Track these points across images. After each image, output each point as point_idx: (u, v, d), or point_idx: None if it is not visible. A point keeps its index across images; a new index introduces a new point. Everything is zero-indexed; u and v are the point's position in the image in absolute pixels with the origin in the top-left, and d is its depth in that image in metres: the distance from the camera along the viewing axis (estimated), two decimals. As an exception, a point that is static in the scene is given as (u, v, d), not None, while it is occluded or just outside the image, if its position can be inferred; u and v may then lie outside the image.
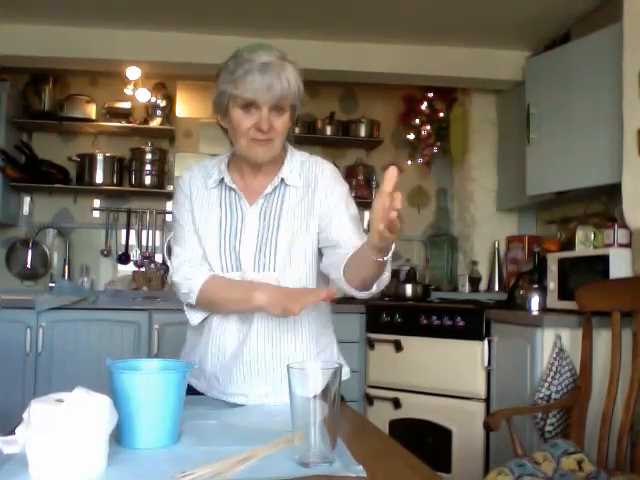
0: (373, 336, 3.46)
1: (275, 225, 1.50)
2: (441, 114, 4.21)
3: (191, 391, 1.48)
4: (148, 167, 4.01)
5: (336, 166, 1.66)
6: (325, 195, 1.53)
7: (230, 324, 1.51)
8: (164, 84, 4.14)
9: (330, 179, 1.55)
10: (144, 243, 4.15)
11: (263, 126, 1.41)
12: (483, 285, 3.98)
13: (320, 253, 1.54)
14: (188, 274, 1.52)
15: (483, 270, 4.00)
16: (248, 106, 1.42)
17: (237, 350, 1.51)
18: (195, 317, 1.56)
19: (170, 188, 4.12)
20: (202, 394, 1.56)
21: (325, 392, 0.98)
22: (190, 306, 1.55)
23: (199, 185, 1.56)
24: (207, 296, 1.50)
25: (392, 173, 1.07)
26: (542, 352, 2.56)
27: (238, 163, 1.55)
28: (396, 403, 3.31)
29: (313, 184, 1.53)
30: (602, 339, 2.44)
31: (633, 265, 2.62)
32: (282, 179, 1.53)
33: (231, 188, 1.53)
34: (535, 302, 2.98)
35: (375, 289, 1.39)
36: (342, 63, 3.68)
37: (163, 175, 4.08)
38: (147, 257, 4.11)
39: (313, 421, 0.97)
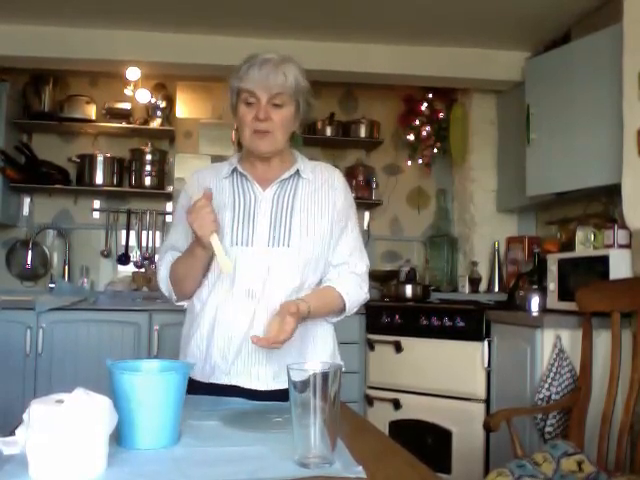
0: (373, 337, 3.46)
1: (289, 206, 1.59)
2: (441, 114, 4.21)
3: (191, 387, 1.48)
4: (148, 168, 4.00)
5: (336, 167, 1.76)
6: (341, 201, 1.65)
7: (238, 302, 1.54)
8: (164, 84, 4.14)
9: (344, 188, 1.68)
10: (144, 244, 4.14)
11: (260, 115, 1.53)
12: (483, 286, 3.98)
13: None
14: (161, 263, 1.68)
15: (483, 271, 4.00)
16: (250, 100, 1.54)
17: (248, 327, 1.54)
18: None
19: (170, 189, 4.13)
20: (201, 388, 1.55)
21: (325, 392, 0.98)
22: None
23: (209, 177, 1.67)
24: (173, 277, 1.64)
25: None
26: (542, 353, 2.56)
27: (249, 159, 1.66)
28: (396, 404, 3.31)
29: (327, 185, 1.65)
30: (602, 339, 2.44)
31: (633, 266, 2.62)
32: (297, 170, 1.63)
33: (243, 175, 1.63)
34: (535, 303, 2.98)
35: (332, 320, 1.66)
36: (342, 63, 3.68)
37: (163, 176, 4.08)
38: (147, 258, 4.11)
39: (313, 421, 0.97)
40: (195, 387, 1.49)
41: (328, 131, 4.19)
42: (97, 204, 4.17)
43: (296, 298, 1.53)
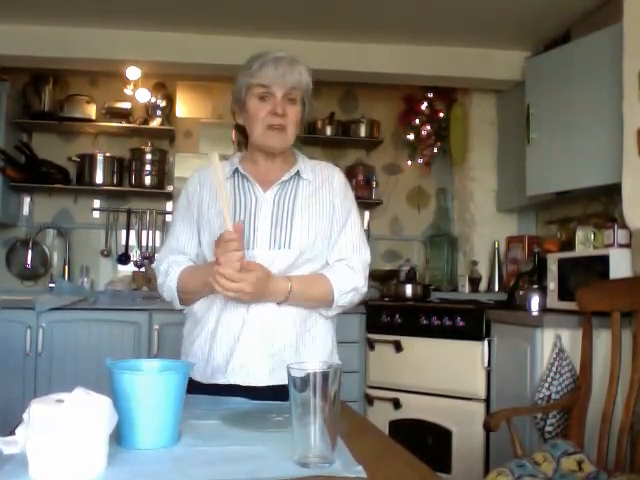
0: (373, 336, 3.46)
1: (290, 208, 1.60)
2: (441, 114, 4.21)
3: (192, 388, 1.49)
4: (148, 167, 4.00)
5: (335, 166, 1.74)
6: (339, 200, 1.66)
7: (240, 303, 1.53)
8: (164, 84, 4.14)
9: (344, 187, 1.69)
10: (144, 243, 4.14)
11: (278, 110, 1.54)
12: (483, 285, 3.98)
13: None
14: (168, 270, 1.62)
15: (483, 270, 4.00)
16: (264, 96, 1.56)
17: (244, 326, 1.55)
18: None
19: (170, 188, 4.13)
20: (201, 389, 1.55)
21: (325, 392, 0.98)
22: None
23: (211, 178, 1.63)
24: (183, 295, 1.62)
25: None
26: (542, 352, 2.56)
27: (252, 157, 1.66)
28: (396, 403, 3.31)
29: (327, 183, 1.66)
30: (602, 339, 2.44)
31: (633, 265, 2.62)
32: (298, 171, 1.64)
33: (244, 176, 1.63)
34: (535, 302, 2.98)
35: (325, 313, 1.63)
36: (342, 63, 3.68)
37: (163, 175, 4.08)
38: (147, 257, 4.11)
39: (313, 421, 0.97)
40: (194, 388, 1.49)
41: (328, 130, 4.19)
42: (97, 204, 4.17)
43: (284, 276, 1.54)
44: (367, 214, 4.33)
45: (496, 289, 3.86)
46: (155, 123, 4.06)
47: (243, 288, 1.43)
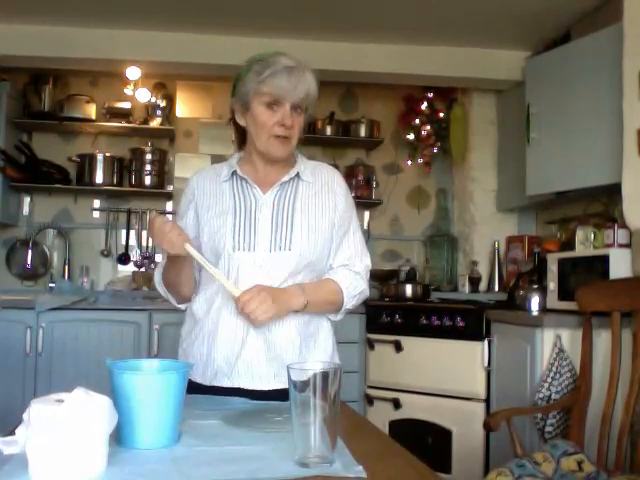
0: (373, 336, 3.47)
1: (290, 210, 1.58)
2: (441, 114, 4.21)
3: (192, 390, 1.49)
4: (148, 167, 4.00)
5: (336, 166, 1.73)
6: (342, 204, 1.65)
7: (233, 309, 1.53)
8: (164, 84, 4.14)
9: (345, 191, 1.68)
10: (144, 243, 4.14)
11: (287, 121, 1.53)
12: (483, 285, 3.98)
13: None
14: (156, 270, 1.70)
15: (483, 270, 4.00)
16: (272, 104, 1.53)
17: (248, 330, 1.54)
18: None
19: (170, 188, 4.13)
20: (202, 391, 1.55)
21: (325, 392, 0.98)
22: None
23: (209, 180, 1.66)
24: (165, 283, 1.66)
25: None
26: (542, 352, 2.56)
27: (251, 160, 1.65)
28: (396, 403, 3.31)
29: (328, 186, 1.64)
30: (602, 339, 2.44)
31: (633, 265, 2.62)
32: (297, 173, 1.63)
33: (243, 178, 1.62)
34: (535, 302, 2.98)
35: (333, 318, 1.67)
36: (342, 63, 3.68)
37: (163, 175, 4.08)
38: (147, 257, 4.10)
39: (313, 421, 0.97)
40: (196, 390, 1.49)
41: (328, 130, 4.19)
42: (97, 203, 4.17)
43: (293, 283, 1.54)
44: (367, 214, 4.33)
45: (496, 289, 3.86)
46: (155, 123, 4.06)
47: (262, 298, 1.44)
